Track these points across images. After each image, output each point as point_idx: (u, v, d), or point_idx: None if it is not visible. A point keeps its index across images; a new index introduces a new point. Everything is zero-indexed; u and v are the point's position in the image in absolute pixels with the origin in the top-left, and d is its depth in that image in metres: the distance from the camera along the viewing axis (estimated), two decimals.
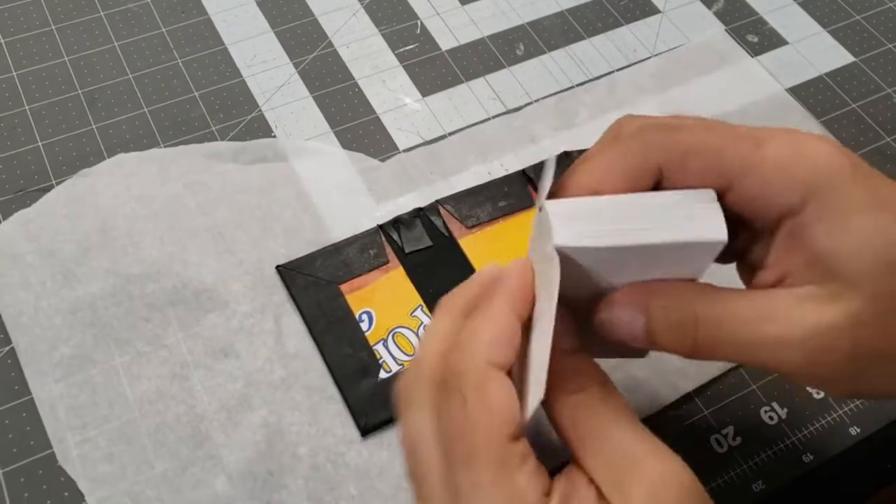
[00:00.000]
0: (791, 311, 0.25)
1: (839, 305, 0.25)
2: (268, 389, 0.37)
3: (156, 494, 0.34)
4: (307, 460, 0.36)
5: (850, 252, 0.25)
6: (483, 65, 0.50)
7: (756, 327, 0.25)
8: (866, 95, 0.51)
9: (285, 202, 0.43)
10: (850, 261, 0.25)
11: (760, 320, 0.25)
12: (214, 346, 0.38)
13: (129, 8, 0.51)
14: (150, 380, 0.37)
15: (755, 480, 0.37)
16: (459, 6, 0.54)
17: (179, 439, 0.36)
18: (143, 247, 0.41)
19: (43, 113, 0.46)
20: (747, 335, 0.25)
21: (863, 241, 0.25)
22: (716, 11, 0.55)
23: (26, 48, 0.49)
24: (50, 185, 0.43)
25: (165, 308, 0.39)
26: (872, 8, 0.55)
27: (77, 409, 0.36)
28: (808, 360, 0.25)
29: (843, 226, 0.25)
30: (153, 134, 0.45)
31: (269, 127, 0.46)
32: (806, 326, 0.25)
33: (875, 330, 0.24)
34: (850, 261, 0.25)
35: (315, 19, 0.52)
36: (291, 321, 0.39)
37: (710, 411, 0.38)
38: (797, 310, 0.25)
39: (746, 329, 0.25)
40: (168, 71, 0.48)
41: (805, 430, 0.38)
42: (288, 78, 0.49)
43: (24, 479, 0.35)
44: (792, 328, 0.25)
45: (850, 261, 0.25)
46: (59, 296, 0.39)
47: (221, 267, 0.40)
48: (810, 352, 0.25)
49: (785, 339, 0.25)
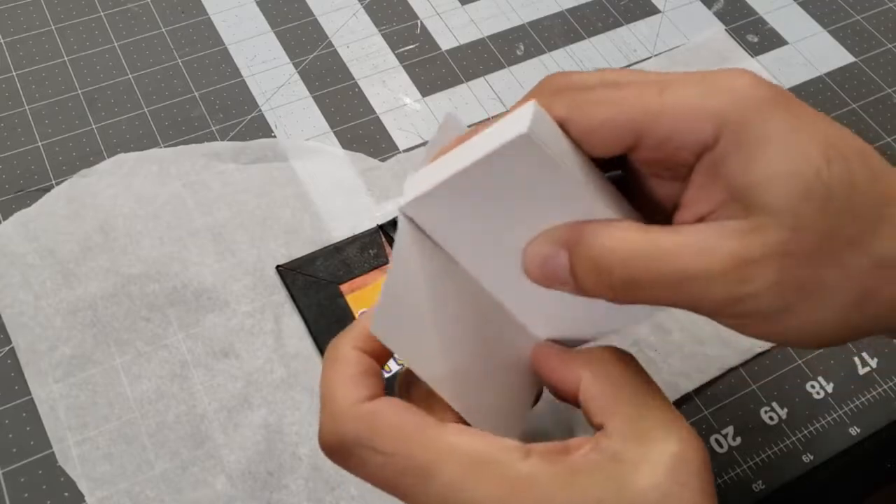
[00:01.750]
0: (712, 243, 0.24)
1: (762, 237, 0.23)
2: (268, 389, 0.37)
3: (156, 494, 0.34)
4: (307, 460, 0.36)
5: (769, 183, 0.24)
6: (483, 65, 0.50)
7: (676, 261, 0.24)
8: (866, 95, 0.51)
9: (285, 202, 0.43)
10: (770, 192, 0.24)
11: (680, 254, 0.24)
12: (214, 346, 0.38)
13: (129, 8, 0.51)
14: (150, 380, 0.37)
15: (755, 480, 0.37)
16: (459, 6, 0.54)
17: (179, 439, 0.36)
18: (143, 247, 0.41)
19: (43, 113, 0.46)
20: (668, 270, 0.24)
21: (782, 171, 0.24)
22: (716, 11, 0.55)
23: (26, 48, 0.49)
24: (50, 185, 0.43)
25: (165, 308, 0.39)
26: (872, 8, 0.55)
27: (77, 409, 0.36)
28: (732, 295, 0.24)
29: (760, 156, 0.24)
30: (153, 134, 0.45)
31: (269, 127, 0.46)
32: (729, 258, 0.24)
33: (800, 260, 0.23)
34: (770, 192, 0.24)
35: (315, 19, 0.52)
36: (291, 321, 0.39)
37: (710, 411, 0.38)
38: (719, 242, 0.24)
39: (667, 264, 0.24)
40: (168, 71, 0.48)
41: (805, 430, 0.38)
42: (288, 78, 0.49)
43: (24, 479, 0.35)
44: (714, 261, 0.24)
45: (770, 192, 0.24)
46: (59, 296, 0.39)
47: (221, 267, 0.40)
48: (734, 285, 0.24)
49: (707, 272, 0.24)
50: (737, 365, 0.40)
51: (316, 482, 0.35)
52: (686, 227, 0.25)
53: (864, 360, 0.40)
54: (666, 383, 0.39)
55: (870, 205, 0.24)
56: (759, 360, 0.40)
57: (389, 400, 0.26)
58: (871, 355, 0.40)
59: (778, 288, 0.23)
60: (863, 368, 0.40)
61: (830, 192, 0.23)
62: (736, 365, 0.40)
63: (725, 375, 0.39)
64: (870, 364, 0.40)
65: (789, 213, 0.23)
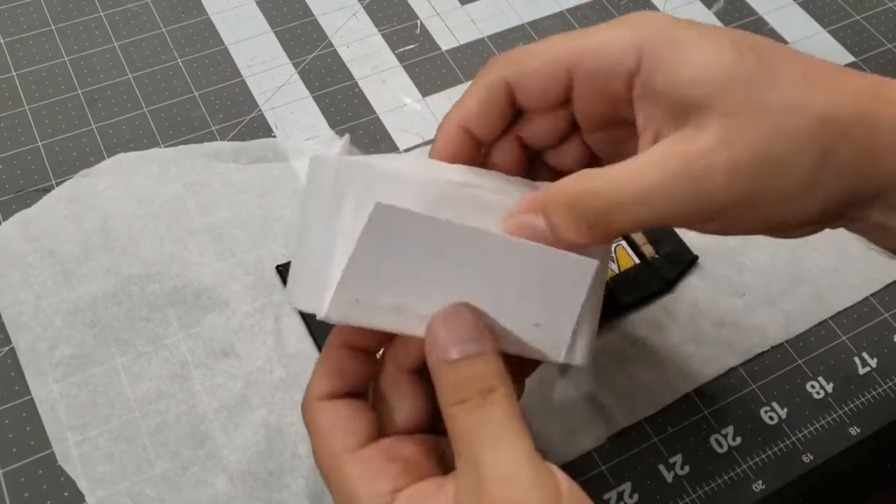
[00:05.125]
0: (666, 153, 0.25)
1: (704, 133, 0.25)
2: (268, 389, 0.37)
3: (156, 494, 0.34)
4: (307, 460, 0.36)
5: (695, 77, 0.25)
6: (483, 65, 0.50)
7: (633, 183, 0.25)
8: None
9: (285, 202, 0.43)
10: (698, 85, 0.25)
11: (636, 176, 0.25)
12: (214, 346, 0.38)
13: (129, 8, 0.51)
14: (150, 380, 0.37)
15: (755, 480, 0.37)
16: (459, 6, 0.54)
17: (180, 439, 0.36)
18: (144, 247, 0.41)
19: (43, 113, 0.46)
20: (628, 195, 0.25)
21: (703, 62, 0.25)
22: (716, 11, 0.55)
23: (26, 48, 0.49)
24: (50, 186, 0.43)
25: (165, 308, 0.39)
26: (872, 8, 0.55)
27: (77, 409, 0.36)
28: (695, 195, 0.25)
29: (680, 58, 0.26)
30: (153, 134, 0.45)
31: (269, 127, 0.46)
32: (682, 161, 0.25)
33: (745, 140, 0.24)
34: (698, 85, 0.25)
35: (315, 19, 0.52)
36: (291, 321, 0.39)
37: (710, 411, 0.38)
38: (671, 150, 0.25)
39: (625, 190, 0.25)
40: (168, 71, 0.48)
41: (805, 430, 0.38)
42: (288, 78, 0.49)
43: (24, 479, 0.35)
44: (670, 168, 0.25)
45: (698, 85, 0.25)
46: (59, 296, 0.39)
47: (221, 267, 0.40)
48: (694, 183, 0.25)
49: (665, 182, 0.25)
50: (737, 365, 0.40)
51: (316, 482, 0.35)
52: (639, 155, 0.26)
53: (864, 360, 0.40)
54: (666, 383, 0.39)
55: (794, 71, 0.25)
56: (759, 360, 0.40)
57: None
58: (871, 355, 0.40)
59: (736, 171, 0.24)
60: (863, 368, 0.40)
61: (750, 70, 0.25)
62: (736, 365, 0.40)
63: (725, 375, 0.39)
64: (870, 364, 0.40)
65: (722, 102, 0.25)
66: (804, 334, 0.41)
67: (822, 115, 0.24)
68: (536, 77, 0.28)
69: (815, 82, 0.25)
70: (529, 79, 0.28)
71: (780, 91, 0.25)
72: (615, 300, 0.40)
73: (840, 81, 0.25)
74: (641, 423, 0.38)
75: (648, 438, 0.38)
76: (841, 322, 0.42)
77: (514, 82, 0.29)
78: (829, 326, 0.41)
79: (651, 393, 0.38)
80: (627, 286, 0.41)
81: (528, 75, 0.28)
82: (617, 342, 0.40)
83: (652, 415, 0.38)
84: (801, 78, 0.25)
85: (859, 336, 0.41)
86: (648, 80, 0.26)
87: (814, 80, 0.25)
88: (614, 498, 0.36)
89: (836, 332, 0.41)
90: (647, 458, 0.37)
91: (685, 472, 0.37)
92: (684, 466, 0.37)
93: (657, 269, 0.41)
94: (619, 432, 0.37)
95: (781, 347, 0.40)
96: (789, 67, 0.25)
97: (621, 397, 0.38)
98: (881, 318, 0.42)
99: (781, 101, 0.24)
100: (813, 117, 0.24)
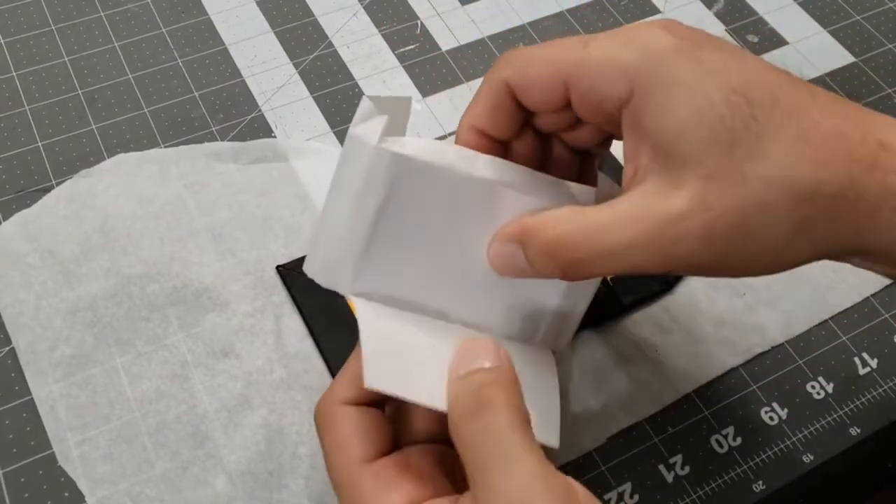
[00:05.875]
0: (637, 211, 0.25)
1: (681, 193, 0.24)
2: (268, 389, 0.37)
3: (156, 494, 0.34)
4: (307, 460, 0.36)
5: (678, 131, 0.24)
6: (483, 65, 0.50)
7: (607, 237, 0.25)
8: (866, 96, 0.51)
9: (285, 202, 0.43)
10: (681, 141, 0.24)
11: (609, 230, 0.25)
12: (214, 346, 0.38)
13: (129, 8, 0.51)
14: (150, 380, 0.37)
15: (755, 480, 0.37)
16: (459, 6, 0.54)
17: (180, 439, 0.36)
18: (144, 247, 0.41)
19: (43, 113, 0.46)
20: (603, 246, 0.25)
21: (689, 118, 0.24)
22: (716, 12, 0.55)
23: (26, 48, 0.49)
24: (50, 186, 0.43)
25: (165, 308, 0.39)
26: (872, 8, 0.55)
27: (77, 409, 0.36)
28: (666, 257, 0.24)
29: (668, 104, 0.24)
30: (153, 134, 0.45)
31: (270, 127, 0.46)
32: (654, 224, 0.24)
33: (721, 209, 0.24)
34: (681, 141, 0.24)
35: (315, 19, 0.52)
36: (291, 321, 0.39)
37: (711, 411, 0.38)
38: (643, 208, 0.25)
39: (600, 240, 0.25)
40: (168, 71, 0.48)
41: (805, 430, 0.38)
42: (288, 78, 0.49)
43: (24, 479, 0.35)
44: (641, 229, 0.24)
45: (681, 141, 0.24)
46: (59, 296, 0.39)
47: (221, 267, 0.40)
48: (666, 247, 0.24)
49: (637, 241, 0.25)
50: (737, 365, 0.40)
51: (316, 482, 0.35)
52: (616, 201, 0.26)
53: (864, 360, 0.40)
54: (666, 384, 0.39)
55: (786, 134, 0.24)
56: (759, 361, 0.40)
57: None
58: (871, 355, 0.40)
59: (708, 238, 0.24)
60: (863, 368, 0.40)
61: (736, 133, 0.24)
62: (736, 365, 0.40)
63: (725, 375, 0.39)
64: (870, 364, 0.40)
65: (703, 161, 0.24)
66: (804, 334, 0.41)
67: (804, 190, 0.23)
68: (535, 85, 0.28)
69: (805, 150, 0.24)
70: (529, 84, 0.28)
71: (764, 160, 0.23)
72: (616, 300, 0.40)
73: (838, 145, 0.24)
74: (642, 423, 0.38)
75: (649, 438, 0.38)
76: (841, 322, 0.42)
77: (515, 85, 0.29)
78: (830, 327, 0.41)
79: (651, 393, 0.38)
80: (628, 286, 0.41)
81: (528, 81, 0.28)
82: (617, 342, 0.40)
83: (652, 415, 0.38)
84: (791, 143, 0.24)
85: (859, 336, 0.41)
86: (636, 116, 0.26)
87: (805, 146, 0.24)
88: (614, 498, 0.36)
89: (836, 333, 0.41)
90: (647, 458, 0.37)
91: (685, 472, 0.37)
92: (685, 466, 0.37)
93: None
94: (619, 432, 0.37)
95: (782, 347, 0.40)
96: (781, 130, 0.24)
97: (621, 397, 0.38)
98: (881, 318, 0.42)
99: (762, 173, 0.23)
100: (793, 192, 0.23)
